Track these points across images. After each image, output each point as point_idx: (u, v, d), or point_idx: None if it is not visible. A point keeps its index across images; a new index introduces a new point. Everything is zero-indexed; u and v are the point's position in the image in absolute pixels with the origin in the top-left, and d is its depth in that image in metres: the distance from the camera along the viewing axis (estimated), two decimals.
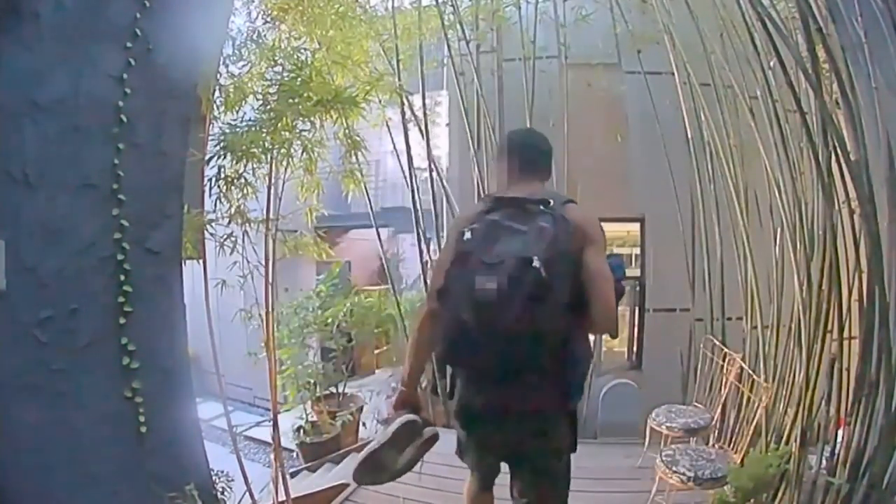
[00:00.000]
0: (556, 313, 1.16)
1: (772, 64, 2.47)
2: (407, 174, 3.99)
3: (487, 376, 1.28)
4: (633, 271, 4.31)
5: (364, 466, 1.35)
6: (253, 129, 2.22)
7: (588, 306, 1.21)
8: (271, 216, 2.40)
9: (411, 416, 1.39)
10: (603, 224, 1.32)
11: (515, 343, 1.16)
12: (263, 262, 2.35)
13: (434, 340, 1.34)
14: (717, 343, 2.80)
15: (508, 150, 1.48)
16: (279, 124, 2.22)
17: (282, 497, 2.31)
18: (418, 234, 3.91)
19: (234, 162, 2.22)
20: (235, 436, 2.58)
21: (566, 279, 1.19)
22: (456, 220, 1.59)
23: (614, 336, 1.38)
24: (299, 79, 2.25)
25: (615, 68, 4.15)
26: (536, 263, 1.13)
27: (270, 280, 2.36)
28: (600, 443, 3.44)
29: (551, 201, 1.28)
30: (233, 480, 2.21)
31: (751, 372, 2.60)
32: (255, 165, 2.29)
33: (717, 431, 2.84)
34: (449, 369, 1.40)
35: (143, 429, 1.71)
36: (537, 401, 1.27)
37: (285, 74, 2.31)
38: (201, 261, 2.31)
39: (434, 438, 1.43)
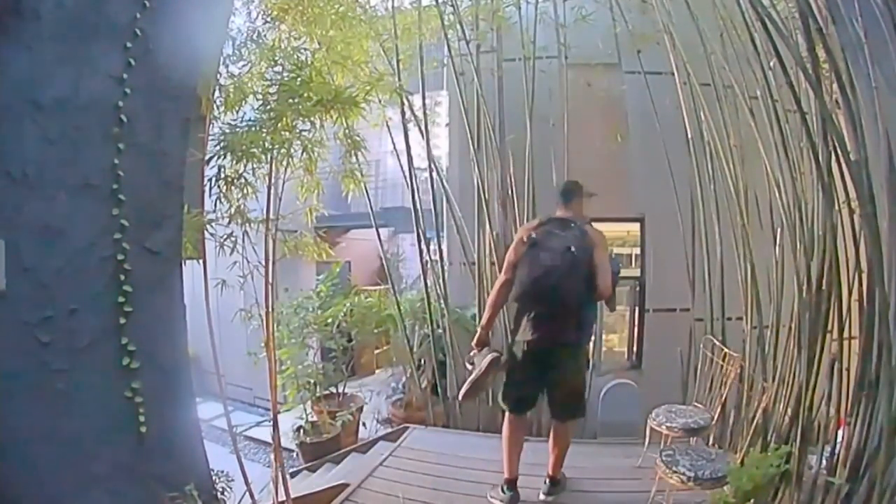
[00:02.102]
0: (581, 278, 2.11)
1: (772, 64, 2.47)
2: (407, 174, 3.99)
3: (542, 315, 2.15)
4: (633, 271, 4.31)
5: (469, 392, 2.25)
6: (253, 129, 2.22)
7: (594, 281, 2.13)
8: (271, 216, 2.40)
9: (495, 354, 2.22)
10: (603, 224, 2.21)
11: (558, 291, 2.10)
12: (263, 262, 2.35)
13: (505, 298, 2.28)
14: (717, 343, 2.80)
15: (559, 192, 2.49)
16: (279, 124, 2.22)
17: (282, 497, 2.31)
18: (418, 234, 3.90)
19: (234, 162, 2.22)
20: (235, 436, 2.57)
21: (585, 263, 2.13)
22: (522, 229, 2.42)
23: (612, 308, 2.40)
24: (299, 79, 2.24)
25: (615, 68, 4.15)
26: (573, 249, 2.12)
27: (270, 280, 2.35)
28: (600, 443, 3.44)
29: (577, 221, 2.26)
30: (233, 480, 2.21)
31: (751, 372, 2.60)
32: (255, 165, 2.28)
33: (717, 431, 2.84)
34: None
35: (143, 429, 1.71)
36: (568, 333, 2.16)
37: (285, 74, 2.31)
38: (201, 261, 2.31)
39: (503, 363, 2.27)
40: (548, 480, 2.41)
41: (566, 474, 2.50)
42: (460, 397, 2.33)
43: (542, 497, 2.39)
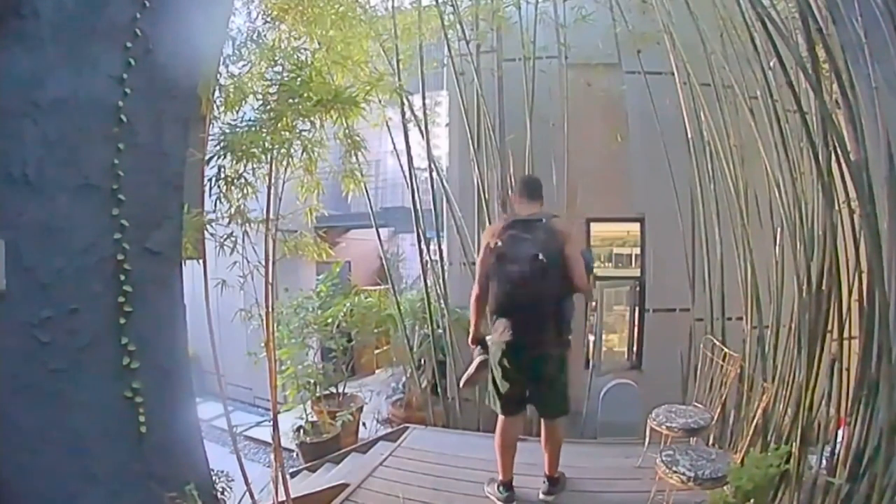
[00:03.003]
0: (552, 283, 2.09)
1: (772, 64, 2.47)
2: (407, 174, 3.99)
3: (519, 321, 2.15)
4: (633, 271, 4.31)
5: (466, 385, 2.43)
6: (253, 129, 2.22)
7: (569, 277, 2.12)
8: (271, 216, 2.40)
9: (484, 356, 2.32)
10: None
11: (532, 300, 2.09)
12: (263, 262, 2.35)
13: (483, 309, 2.29)
14: (717, 343, 2.79)
15: (518, 189, 2.45)
16: (279, 124, 2.22)
17: (282, 497, 2.31)
18: (418, 234, 3.90)
19: (234, 162, 2.22)
20: (235, 436, 2.58)
21: (556, 263, 2.10)
22: (486, 234, 2.34)
23: (589, 298, 2.51)
24: (299, 79, 2.24)
25: (615, 68, 4.14)
26: (540, 256, 2.06)
27: (270, 280, 2.36)
28: (600, 443, 3.44)
29: (543, 219, 2.21)
30: (233, 480, 2.21)
31: (751, 372, 2.59)
32: (255, 165, 2.28)
33: (717, 431, 2.84)
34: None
35: (143, 429, 1.71)
36: (547, 332, 2.15)
37: (285, 74, 2.31)
38: (201, 261, 2.31)
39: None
40: (546, 480, 2.41)
41: (566, 474, 2.50)
42: (460, 385, 2.49)
43: (541, 497, 2.39)
